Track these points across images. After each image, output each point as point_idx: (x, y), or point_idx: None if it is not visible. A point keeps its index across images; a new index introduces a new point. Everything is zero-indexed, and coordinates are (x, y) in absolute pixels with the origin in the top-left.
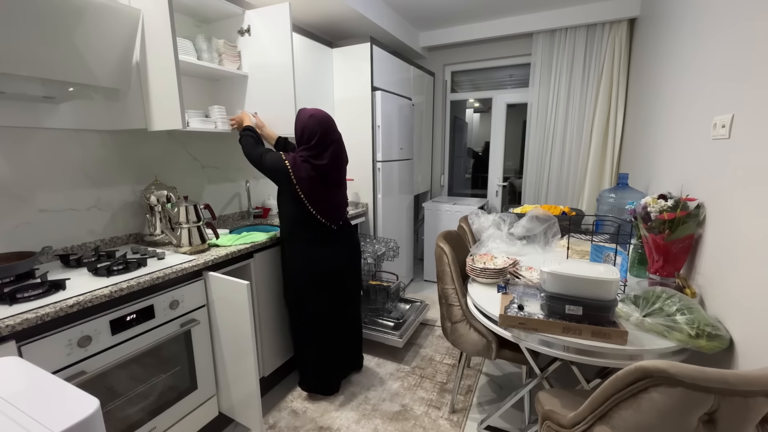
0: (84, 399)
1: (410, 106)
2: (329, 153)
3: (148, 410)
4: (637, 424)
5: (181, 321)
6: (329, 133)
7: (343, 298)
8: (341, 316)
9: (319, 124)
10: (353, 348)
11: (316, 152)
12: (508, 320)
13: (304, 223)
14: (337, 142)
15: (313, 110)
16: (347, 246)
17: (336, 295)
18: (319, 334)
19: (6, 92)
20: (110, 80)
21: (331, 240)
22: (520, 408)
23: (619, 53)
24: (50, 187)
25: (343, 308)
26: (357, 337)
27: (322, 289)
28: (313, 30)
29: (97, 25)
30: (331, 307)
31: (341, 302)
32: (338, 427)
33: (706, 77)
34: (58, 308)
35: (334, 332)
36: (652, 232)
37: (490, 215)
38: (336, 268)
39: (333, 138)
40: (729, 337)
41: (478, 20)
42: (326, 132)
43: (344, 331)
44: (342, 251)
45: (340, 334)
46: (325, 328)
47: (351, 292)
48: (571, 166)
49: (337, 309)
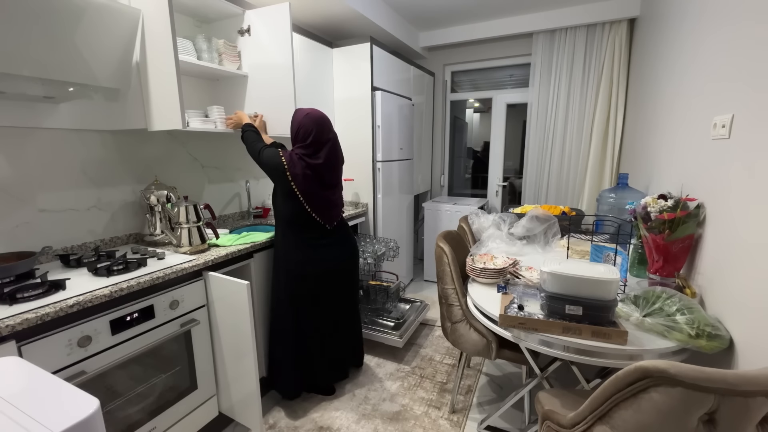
0: (84, 399)
1: (410, 106)
2: (324, 152)
3: (148, 410)
4: (637, 424)
5: (181, 321)
6: (324, 132)
7: (338, 298)
8: (335, 316)
9: (315, 123)
10: (348, 348)
11: (312, 150)
12: (508, 320)
13: (299, 222)
14: (333, 142)
15: (309, 110)
16: (343, 246)
17: (330, 295)
18: (308, 334)
19: (6, 92)
20: (110, 80)
21: (326, 240)
22: (520, 408)
23: (619, 53)
24: (50, 187)
25: (337, 309)
26: (355, 337)
27: (316, 288)
28: (313, 30)
29: (97, 25)
30: (324, 308)
31: (336, 302)
32: (338, 427)
33: (706, 77)
34: (58, 308)
35: (325, 334)
36: (652, 232)
37: (490, 215)
38: (331, 267)
39: (328, 137)
40: (729, 337)
41: (478, 20)
42: (321, 131)
43: (336, 333)
44: (337, 251)
45: (332, 335)
46: (317, 329)
47: (347, 292)
48: (571, 166)
49: (330, 309)
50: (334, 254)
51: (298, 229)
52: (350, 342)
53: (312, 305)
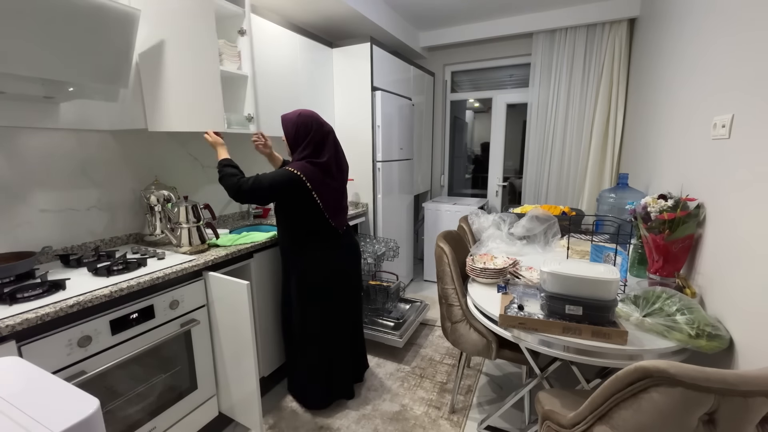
0: (84, 399)
1: (410, 106)
2: (327, 149)
3: (148, 410)
4: (637, 424)
5: (181, 321)
6: (322, 125)
7: (349, 300)
8: (352, 318)
9: (310, 117)
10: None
11: (314, 149)
12: (508, 320)
13: (313, 229)
14: (332, 135)
15: (299, 110)
16: (351, 249)
17: (343, 298)
18: (325, 338)
19: (6, 92)
20: (110, 80)
21: (338, 244)
22: (520, 408)
23: (619, 53)
24: (50, 187)
25: (352, 311)
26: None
27: (330, 293)
28: (313, 30)
29: (97, 25)
30: (341, 311)
31: (349, 305)
32: (338, 427)
33: (706, 77)
34: (58, 308)
35: (345, 337)
36: (652, 232)
37: (490, 215)
38: (344, 269)
39: (327, 129)
40: (729, 337)
41: (479, 20)
42: (319, 124)
43: (354, 335)
44: (347, 255)
45: (352, 337)
46: (332, 333)
47: (356, 295)
48: (571, 166)
49: (346, 312)
50: (345, 258)
51: (313, 235)
52: (361, 343)
53: (330, 310)
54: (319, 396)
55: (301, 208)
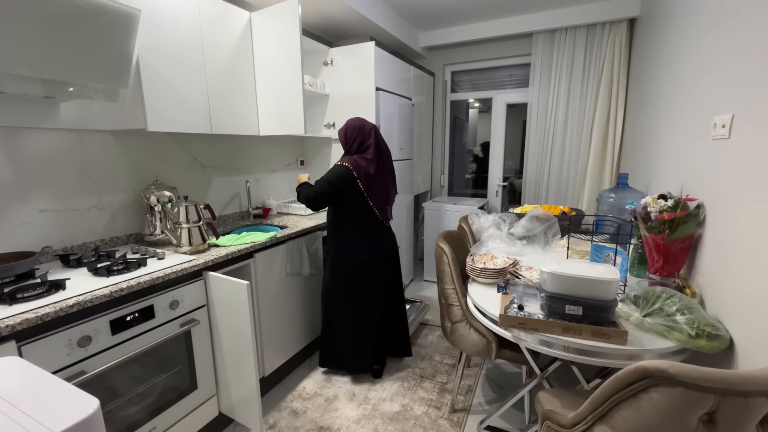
0: (84, 399)
1: (410, 106)
2: (372, 147)
3: (148, 410)
4: (637, 424)
5: (181, 321)
6: (365, 123)
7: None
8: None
9: (356, 120)
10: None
11: (359, 145)
12: (508, 320)
13: (359, 217)
14: (375, 130)
15: (348, 120)
16: (391, 238)
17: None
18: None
19: (6, 92)
20: (110, 80)
21: (381, 232)
22: (520, 408)
23: (619, 53)
24: (50, 187)
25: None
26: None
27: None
28: (313, 30)
29: (97, 25)
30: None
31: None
32: (338, 427)
33: (706, 77)
34: (58, 308)
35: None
36: (652, 232)
37: (490, 215)
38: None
39: (370, 126)
40: (729, 337)
41: (478, 20)
42: (362, 126)
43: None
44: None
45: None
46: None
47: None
48: (571, 166)
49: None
50: (387, 245)
51: (357, 222)
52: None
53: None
54: (350, 361)
55: (348, 197)
